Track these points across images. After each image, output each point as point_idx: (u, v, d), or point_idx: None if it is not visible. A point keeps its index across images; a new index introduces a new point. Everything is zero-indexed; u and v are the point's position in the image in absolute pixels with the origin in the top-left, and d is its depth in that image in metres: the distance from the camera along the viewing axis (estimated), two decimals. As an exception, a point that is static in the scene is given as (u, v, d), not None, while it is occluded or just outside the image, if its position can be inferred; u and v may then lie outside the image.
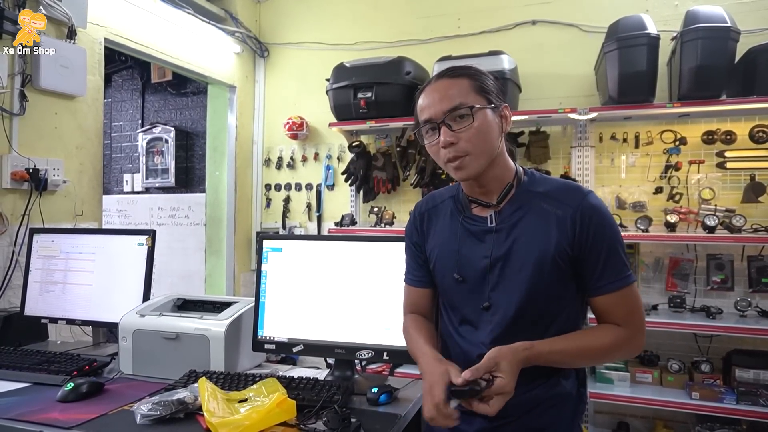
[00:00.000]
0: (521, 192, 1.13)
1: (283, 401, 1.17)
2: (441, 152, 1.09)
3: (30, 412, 1.26)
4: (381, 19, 3.53)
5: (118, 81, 4.70)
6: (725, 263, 2.68)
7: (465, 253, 1.14)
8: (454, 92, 1.08)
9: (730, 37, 2.40)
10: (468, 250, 1.14)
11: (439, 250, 1.19)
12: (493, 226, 1.12)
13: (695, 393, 2.44)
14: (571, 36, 3.10)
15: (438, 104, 1.09)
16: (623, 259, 1.07)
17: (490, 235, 1.12)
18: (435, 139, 1.10)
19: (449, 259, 1.16)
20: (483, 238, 1.12)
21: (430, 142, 1.12)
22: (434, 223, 1.22)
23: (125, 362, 1.59)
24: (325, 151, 3.66)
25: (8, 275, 2.21)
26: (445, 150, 1.08)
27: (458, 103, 1.07)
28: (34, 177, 2.27)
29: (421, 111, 1.13)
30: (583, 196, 1.08)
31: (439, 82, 1.12)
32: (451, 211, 1.20)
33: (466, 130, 1.07)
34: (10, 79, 2.23)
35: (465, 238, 1.15)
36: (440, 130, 1.08)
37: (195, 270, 4.10)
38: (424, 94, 1.14)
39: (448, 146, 1.07)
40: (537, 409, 1.10)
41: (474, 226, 1.14)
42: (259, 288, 1.59)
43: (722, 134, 2.73)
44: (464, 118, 1.07)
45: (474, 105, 1.07)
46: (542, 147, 3.00)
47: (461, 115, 1.07)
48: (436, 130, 1.09)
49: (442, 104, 1.08)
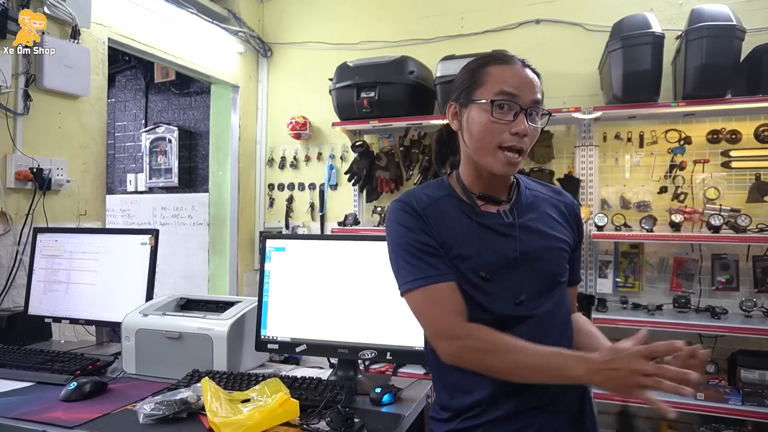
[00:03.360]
0: (524, 190, 1.17)
1: (286, 401, 1.17)
2: (506, 136, 1.04)
3: (33, 411, 1.27)
4: (384, 19, 3.52)
5: (122, 81, 4.71)
6: (730, 263, 2.67)
7: (489, 250, 1.07)
8: (539, 90, 1.07)
9: (736, 36, 2.38)
10: (492, 247, 1.07)
11: (457, 251, 1.07)
12: (511, 220, 1.10)
13: (700, 394, 2.43)
14: (575, 35, 3.08)
15: (530, 90, 1.05)
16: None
17: (512, 230, 1.09)
18: (508, 118, 1.04)
19: (470, 258, 1.06)
20: (505, 233, 1.09)
21: (498, 118, 1.04)
22: (441, 222, 1.09)
23: (128, 362, 1.59)
24: (328, 151, 3.66)
25: (12, 275, 2.21)
26: (516, 138, 1.03)
27: (543, 104, 1.08)
28: (37, 177, 2.27)
29: (498, 81, 1.05)
30: (571, 198, 1.21)
31: (525, 70, 1.07)
32: (457, 208, 1.11)
33: (535, 131, 1.07)
34: (14, 79, 2.23)
35: (484, 235, 1.08)
36: (521, 115, 1.04)
37: (198, 270, 4.10)
38: (505, 67, 1.06)
39: (523, 135, 1.04)
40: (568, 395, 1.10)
41: (492, 222, 1.10)
42: (262, 288, 1.58)
43: (727, 133, 2.72)
44: (538, 120, 1.07)
45: (550, 113, 1.11)
46: (546, 146, 2.99)
47: (539, 114, 1.07)
48: (513, 111, 1.04)
49: (534, 93, 1.05)
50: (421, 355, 1.39)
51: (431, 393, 1.47)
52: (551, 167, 3.02)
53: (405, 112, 3.01)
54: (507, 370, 0.99)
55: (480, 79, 1.07)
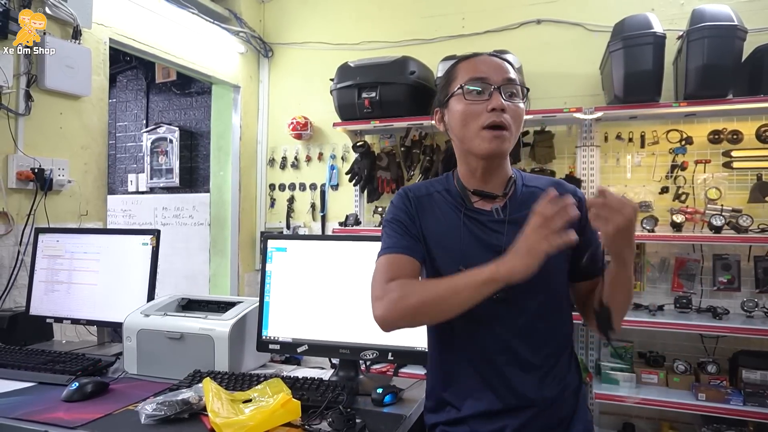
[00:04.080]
0: (520, 186, 1.17)
1: (287, 402, 1.17)
2: (484, 115, 1.06)
3: (35, 412, 1.27)
4: (385, 19, 3.52)
5: (123, 81, 4.72)
6: (732, 263, 2.66)
7: (471, 245, 1.10)
8: (510, 69, 1.11)
9: (737, 36, 2.38)
10: (475, 242, 1.11)
11: (439, 242, 1.13)
12: (502, 217, 1.12)
13: (701, 394, 2.43)
14: (576, 35, 3.08)
15: (499, 71, 1.09)
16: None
17: (502, 226, 1.11)
18: (482, 99, 1.07)
19: (452, 251, 1.11)
20: (495, 229, 1.11)
21: (473, 100, 1.08)
22: (428, 212, 1.16)
23: (130, 362, 1.59)
24: (329, 151, 3.66)
25: (14, 275, 2.22)
26: (495, 113, 1.06)
27: (517, 79, 1.09)
28: (39, 177, 2.28)
29: (467, 71, 1.10)
30: (573, 187, 1.18)
31: (493, 57, 1.12)
32: (448, 202, 1.16)
33: (515, 108, 1.09)
34: (15, 80, 2.23)
35: (470, 230, 1.12)
36: (495, 92, 1.07)
37: (199, 270, 4.10)
38: (471, 60, 1.12)
39: (501, 110, 1.06)
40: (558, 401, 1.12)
41: (481, 218, 1.13)
42: (264, 288, 1.59)
43: (729, 134, 2.72)
44: (515, 97, 1.09)
45: (528, 88, 1.11)
46: (547, 147, 2.99)
47: (514, 93, 1.09)
48: (487, 93, 1.08)
49: (503, 73, 1.09)
50: (422, 356, 1.39)
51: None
52: (552, 167, 3.01)
53: (406, 112, 3.01)
54: (432, 303, 1.00)
55: (452, 77, 1.14)
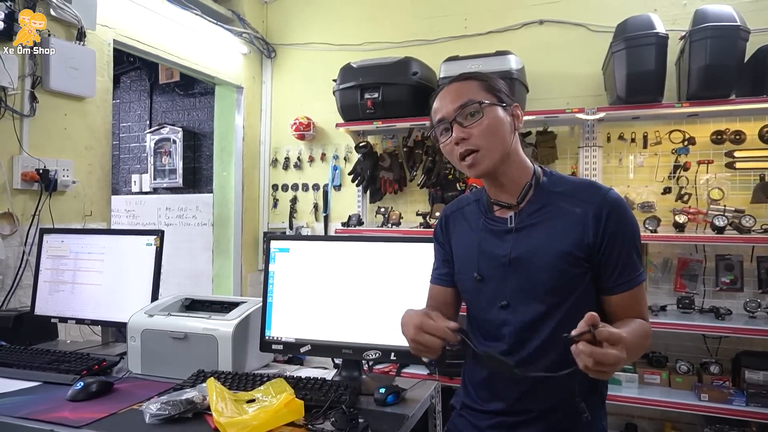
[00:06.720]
0: (541, 192, 1.15)
1: (290, 401, 1.17)
2: (454, 150, 1.12)
3: (40, 411, 1.27)
4: (388, 20, 3.53)
5: (127, 82, 4.73)
6: (734, 264, 2.66)
7: (485, 252, 1.16)
8: (463, 91, 1.12)
9: (740, 36, 2.38)
10: (488, 250, 1.16)
11: (460, 251, 1.22)
12: (512, 226, 1.14)
13: (704, 394, 2.43)
14: (578, 36, 3.08)
15: (449, 104, 1.13)
16: (639, 256, 1.11)
17: (509, 235, 1.14)
18: (448, 137, 1.13)
19: (470, 259, 1.19)
20: (503, 238, 1.14)
21: (444, 142, 1.15)
22: (458, 226, 1.25)
23: (134, 362, 1.60)
24: (332, 152, 3.67)
25: (19, 275, 2.23)
26: (457, 146, 1.11)
27: (467, 100, 1.10)
28: (44, 177, 2.29)
29: (435, 114, 1.17)
30: (605, 192, 1.11)
31: (450, 85, 1.16)
32: (475, 213, 1.23)
33: (477, 126, 1.10)
34: (20, 81, 2.24)
35: (486, 238, 1.17)
36: (452, 128, 1.11)
37: (202, 270, 4.11)
38: (437, 98, 1.18)
39: (460, 142, 1.10)
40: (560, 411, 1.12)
41: (495, 227, 1.17)
42: (267, 288, 1.59)
43: (731, 134, 2.71)
44: (474, 116, 1.11)
45: (483, 101, 1.10)
46: (549, 147, 2.99)
47: (472, 113, 1.11)
48: (449, 130, 1.13)
49: (453, 103, 1.12)
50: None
51: (435, 393, 1.48)
52: (555, 168, 3.00)
53: (408, 112, 3.02)
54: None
55: (431, 119, 1.19)
